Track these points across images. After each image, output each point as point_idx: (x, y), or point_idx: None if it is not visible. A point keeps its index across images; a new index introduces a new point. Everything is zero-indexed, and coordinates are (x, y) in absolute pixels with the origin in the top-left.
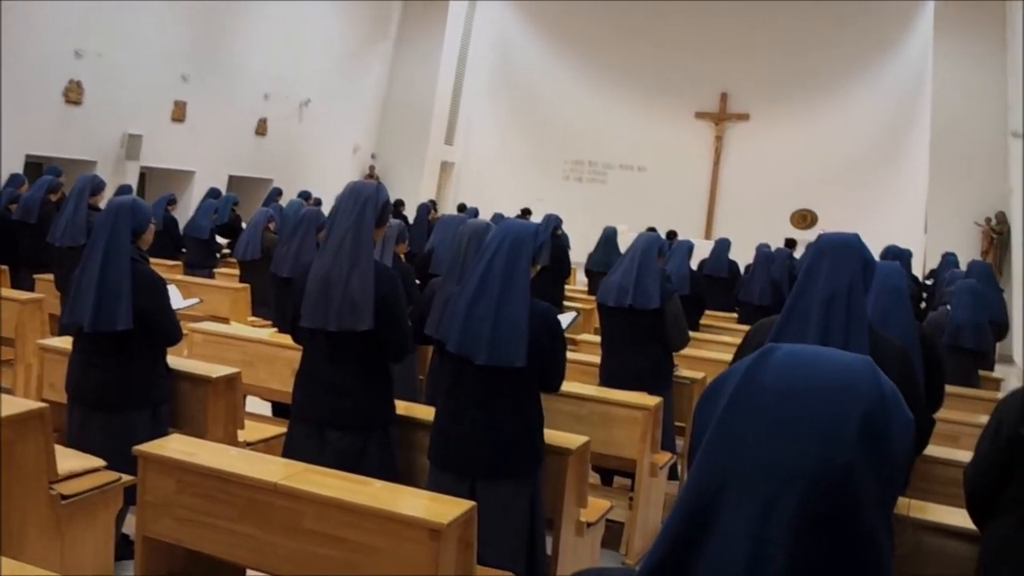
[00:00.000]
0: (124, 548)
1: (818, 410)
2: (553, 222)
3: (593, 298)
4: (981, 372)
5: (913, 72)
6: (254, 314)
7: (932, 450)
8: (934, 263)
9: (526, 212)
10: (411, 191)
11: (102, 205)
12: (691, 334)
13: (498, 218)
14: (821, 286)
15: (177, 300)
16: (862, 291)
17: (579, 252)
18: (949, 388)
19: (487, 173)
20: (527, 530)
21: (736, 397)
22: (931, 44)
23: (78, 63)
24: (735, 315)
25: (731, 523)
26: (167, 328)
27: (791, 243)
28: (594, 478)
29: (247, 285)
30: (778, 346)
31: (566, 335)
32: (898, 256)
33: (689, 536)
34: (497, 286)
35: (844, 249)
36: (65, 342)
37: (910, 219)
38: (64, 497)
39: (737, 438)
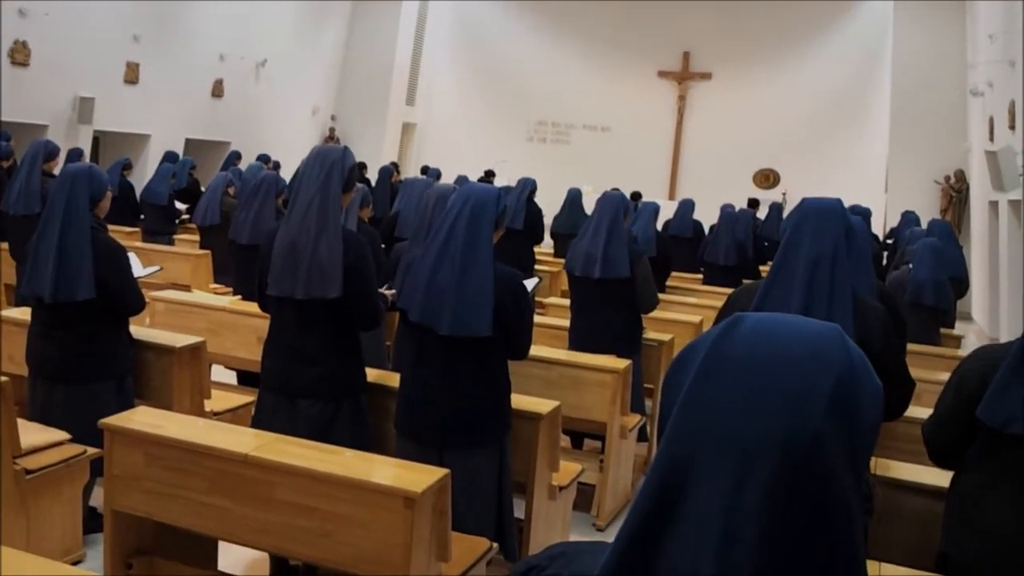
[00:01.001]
0: (92, 521)
1: (787, 380)
2: (529, 186)
3: (560, 260)
4: (942, 330)
5: (874, 31)
6: (216, 281)
7: None
8: (894, 222)
9: (490, 174)
10: (372, 153)
11: (56, 171)
12: (658, 296)
13: (462, 181)
14: (805, 251)
15: (138, 268)
16: (846, 255)
17: (543, 215)
18: (911, 346)
19: (449, 134)
20: (495, 496)
21: (704, 368)
22: (892, 4)
23: (23, 22)
24: (700, 276)
25: (703, 496)
26: (130, 297)
27: (754, 203)
28: (564, 441)
29: (208, 252)
30: (746, 315)
31: (534, 299)
32: (859, 215)
33: (661, 509)
34: (459, 252)
35: (827, 214)
36: (23, 313)
37: (871, 178)
38: (28, 472)
39: (706, 410)
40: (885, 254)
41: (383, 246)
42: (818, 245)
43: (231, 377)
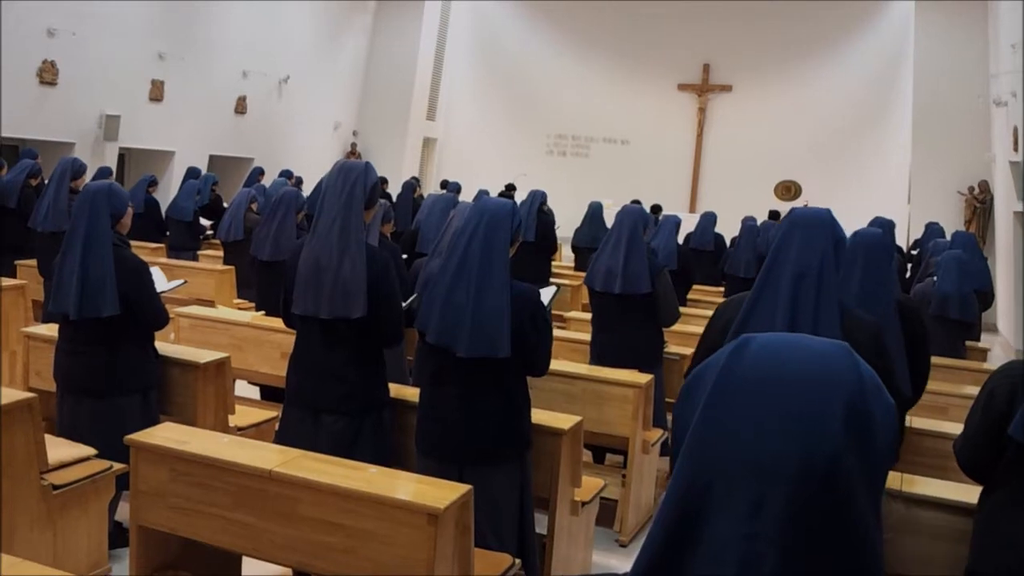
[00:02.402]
0: (118, 536)
1: (800, 402)
2: (539, 198)
3: (580, 274)
4: (968, 342)
5: (895, 41)
6: (239, 296)
7: (920, 422)
8: (918, 233)
9: (510, 188)
10: (394, 168)
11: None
12: (680, 309)
13: (482, 195)
14: (791, 263)
15: (161, 282)
16: (833, 268)
17: (563, 228)
18: (936, 360)
19: (470, 149)
20: (517, 512)
21: (716, 392)
22: (913, 13)
23: (51, 42)
24: (721, 289)
25: (721, 522)
26: (153, 312)
27: (775, 215)
28: (586, 456)
29: (231, 267)
30: (753, 337)
31: (553, 311)
32: (881, 227)
33: (678, 538)
34: (476, 271)
35: (815, 225)
36: (50, 329)
37: (893, 189)
38: (55, 487)
39: (720, 434)
40: (909, 266)
41: (404, 257)
42: (804, 258)
43: (254, 392)
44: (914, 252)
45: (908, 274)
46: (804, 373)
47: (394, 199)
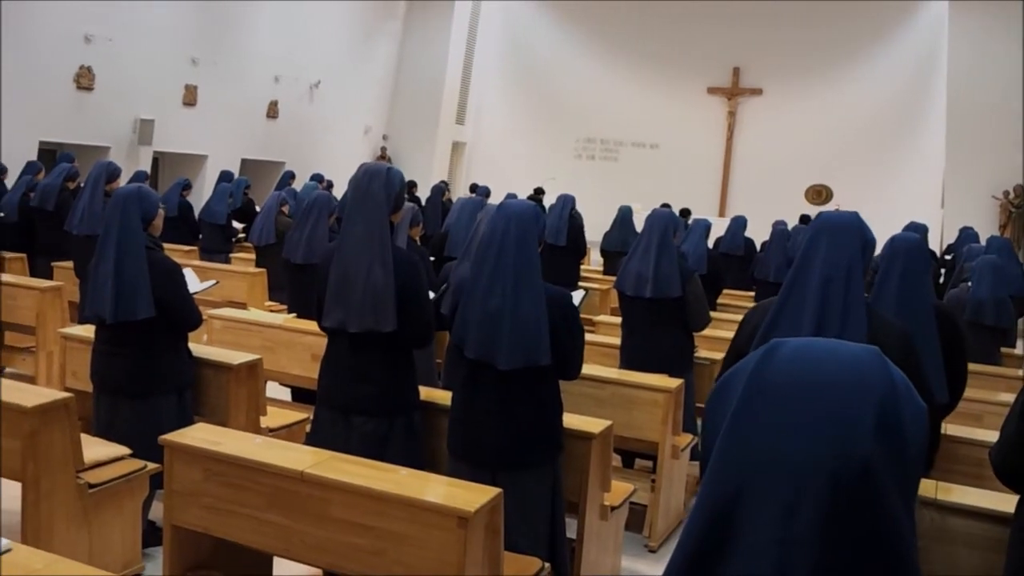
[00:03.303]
0: (151, 535)
1: (831, 406)
2: (570, 202)
3: (609, 278)
4: (1003, 349)
5: (928, 44)
6: (270, 298)
7: (955, 430)
8: (951, 238)
9: (539, 192)
10: (423, 172)
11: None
12: (710, 314)
13: (511, 199)
14: (818, 268)
15: (194, 283)
16: (861, 273)
17: (592, 231)
18: (971, 366)
19: (498, 152)
20: (548, 516)
21: (747, 397)
22: (946, 14)
23: (88, 48)
24: (751, 293)
25: (753, 527)
26: (186, 313)
27: (806, 219)
28: (615, 460)
29: (263, 270)
30: (783, 341)
31: (582, 315)
32: (915, 232)
33: (711, 542)
34: (510, 277)
35: (843, 229)
36: (87, 330)
37: (927, 193)
38: (91, 486)
39: (751, 439)
40: (943, 271)
41: (432, 259)
42: (832, 261)
43: (285, 394)
44: (947, 257)
45: (941, 279)
46: (835, 377)
47: (423, 203)
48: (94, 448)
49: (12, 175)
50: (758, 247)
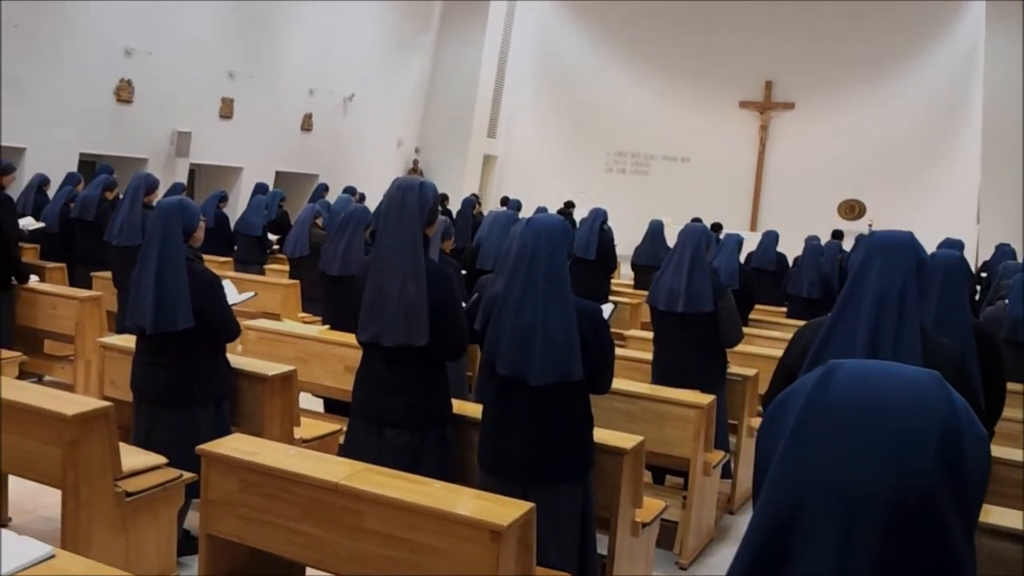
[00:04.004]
0: (185, 544)
1: (892, 430)
2: (601, 216)
3: (639, 292)
4: None
5: (964, 57)
6: (303, 310)
7: (992, 450)
8: (987, 254)
9: (569, 205)
10: (454, 185)
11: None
12: (742, 330)
13: (542, 212)
14: (872, 288)
15: (233, 295)
16: (915, 293)
17: (622, 245)
18: (1008, 386)
19: (530, 166)
20: (578, 532)
21: (804, 419)
22: (983, 28)
23: (128, 62)
24: (784, 309)
25: (810, 555)
26: (226, 324)
27: (839, 235)
28: (646, 476)
29: (297, 281)
30: (840, 363)
31: (612, 330)
32: (952, 248)
33: (766, 560)
34: (541, 291)
35: (896, 248)
36: (125, 340)
37: (962, 208)
38: (128, 494)
39: (808, 462)
40: (978, 288)
41: (464, 272)
42: (885, 283)
43: (318, 404)
44: (983, 274)
45: (977, 296)
46: (896, 401)
47: (454, 216)
48: (131, 457)
49: (53, 187)
50: (790, 262)
